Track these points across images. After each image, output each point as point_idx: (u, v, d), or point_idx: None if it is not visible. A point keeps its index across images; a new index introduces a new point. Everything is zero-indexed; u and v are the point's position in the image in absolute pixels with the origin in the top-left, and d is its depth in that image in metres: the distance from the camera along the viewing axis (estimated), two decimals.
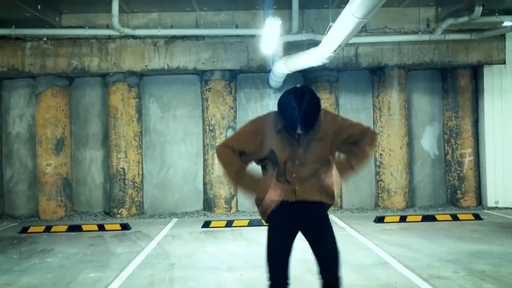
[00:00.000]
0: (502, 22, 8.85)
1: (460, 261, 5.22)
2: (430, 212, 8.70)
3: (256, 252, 5.87)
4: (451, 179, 9.47)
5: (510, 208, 9.12)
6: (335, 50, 6.28)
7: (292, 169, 2.70)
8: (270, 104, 9.52)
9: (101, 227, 7.71)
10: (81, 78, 9.41)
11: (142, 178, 9.30)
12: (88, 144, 9.48)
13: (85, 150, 9.48)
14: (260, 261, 5.37)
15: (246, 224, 7.70)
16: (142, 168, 9.29)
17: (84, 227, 7.74)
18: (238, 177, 2.75)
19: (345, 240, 6.54)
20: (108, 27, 8.64)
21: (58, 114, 9.06)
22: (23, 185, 9.42)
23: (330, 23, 6.24)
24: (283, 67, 7.65)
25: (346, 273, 4.81)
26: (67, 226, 7.79)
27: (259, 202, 2.79)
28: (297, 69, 7.56)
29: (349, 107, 9.64)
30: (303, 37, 8.26)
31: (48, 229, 7.68)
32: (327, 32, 6.31)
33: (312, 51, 6.95)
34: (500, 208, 9.12)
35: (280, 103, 2.66)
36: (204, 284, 4.61)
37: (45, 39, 8.86)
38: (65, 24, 8.92)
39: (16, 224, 8.63)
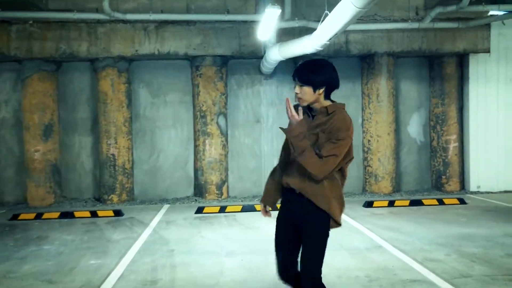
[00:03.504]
0: (488, 11, 9.05)
1: (451, 244, 5.44)
2: (416, 197, 8.95)
3: (252, 238, 5.99)
4: (436, 164, 9.75)
5: (491, 192, 9.46)
6: (330, 38, 6.35)
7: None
8: (261, 90, 9.57)
9: (93, 214, 7.70)
10: (70, 63, 9.24)
11: (132, 164, 9.27)
12: (77, 130, 9.37)
13: (74, 136, 9.37)
14: (258, 247, 5.52)
15: (239, 210, 7.80)
16: (132, 154, 9.25)
17: (77, 214, 7.71)
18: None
19: None
20: (97, 11, 8.46)
21: (46, 99, 8.90)
22: (9, 171, 9.28)
23: (326, 11, 6.30)
24: (276, 54, 7.68)
25: (343, 257, 5.00)
26: (59, 213, 7.74)
27: None
28: (291, 56, 7.60)
29: (339, 93, 9.52)
30: (295, 24, 8.28)
31: (39, 216, 7.63)
32: (323, 20, 6.37)
33: (306, 38, 7.00)
34: (482, 193, 9.44)
35: None
36: (206, 270, 4.70)
37: (31, 22, 8.63)
38: (52, 7, 8.70)
39: (4, 211, 8.52)
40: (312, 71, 2.75)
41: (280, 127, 2.75)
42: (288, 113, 2.64)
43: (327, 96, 2.79)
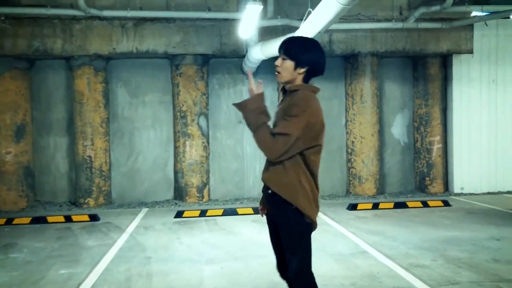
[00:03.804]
0: (471, 12, 9.02)
1: (436, 249, 5.31)
2: (400, 199, 8.85)
3: (234, 243, 5.76)
4: (420, 166, 9.67)
5: (475, 194, 9.42)
6: (313, 37, 6.17)
7: None
8: (243, 90, 9.34)
9: (68, 219, 7.36)
10: (43, 61, 8.87)
11: (110, 166, 8.94)
12: (52, 130, 9.00)
13: (48, 137, 9.00)
14: (239, 253, 5.30)
15: (221, 214, 7.56)
16: (109, 156, 8.93)
17: (50, 219, 7.36)
18: None
19: (321, 228, 6.47)
20: (72, 6, 8.12)
21: (18, 98, 8.52)
22: None
23: (309, 9, 6.13)
24: (259, 53, 7.47)
25: (328, 263, 4.82)
26: (30, 218, 7.38)
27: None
28: (273, 54, 7.37)
29: (322, 94, 9.28)
30: (278, 22, 8.08)
31: (9, 222, 7.25)
32: (306, 18, 6.20)
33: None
34: (465, 194, 9.39)
35: None
36: (184, 279, 4.45)
37: (2, 18, 8.25)
38: (25, 2, 8.33)
39: None
40: (301, 46, 2.56)
41: (233, 103, 2.54)
42: (248, 86, 2.49)
43: (306, 80, 2.58)
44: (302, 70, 2.53)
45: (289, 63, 2.54)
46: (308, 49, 2.55)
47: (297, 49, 2.53)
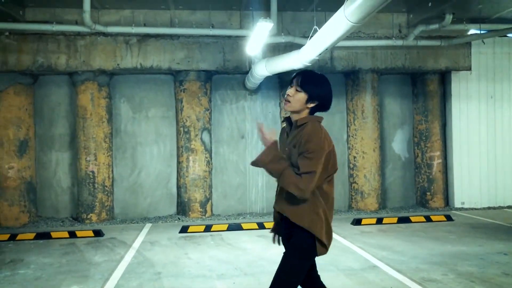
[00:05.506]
0: (469, 30, 9.25)
1: (446, 263, 5.34)
2: (403, 214, 8.91)
3: (242, 259, 5.75)
4: (420, 181, 9.75)
5: (475, 209, 9.51)
6: (320, 54, 6.28)
7: None
8: (246, 105, 9.42)
9: (72, 234, 7.30)
10: (47, 76, 8.90)
11: (113, 181, 8.92)
12: (54, 146, 8.98)
13: (50, 152, 8.97)
14: (249, 268, 5.29)
15: (226, 229, 7.55)
16: (112, 171, 8.91)
17: (54, 234, 7.29)
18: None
19: None
20: (77, 23, 8.21)
21: (21, 114, 8.51)
22: None
23: (315, 27, 6.26)
24: (263, 69, 7.56)
25: (339, 278, 4.83)
26: (34, 234, 7.31)
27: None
28: (278, 71, 7.49)
29: None
30: (282, 39, 8.20)
31: (13, 237, 7.18)
32: (312, 35, 6.31)
33: (295, 53, 6.92)
34: (466, 209, 9.48)
35: None
36: None
37: (7, 33, 8.30)
38: (30, 18, 8.40)
39: None
40: (316, 82, 2.66)
41: (251, 163, 2.60)
42: (260, 137, 2.59)
43: (312, 113, 2.68)
44: (313, 104, 2.64)
45: (302, 96, 2.63)
46: (321, 85, 2.67)
47: (312, 85, 2.64)
